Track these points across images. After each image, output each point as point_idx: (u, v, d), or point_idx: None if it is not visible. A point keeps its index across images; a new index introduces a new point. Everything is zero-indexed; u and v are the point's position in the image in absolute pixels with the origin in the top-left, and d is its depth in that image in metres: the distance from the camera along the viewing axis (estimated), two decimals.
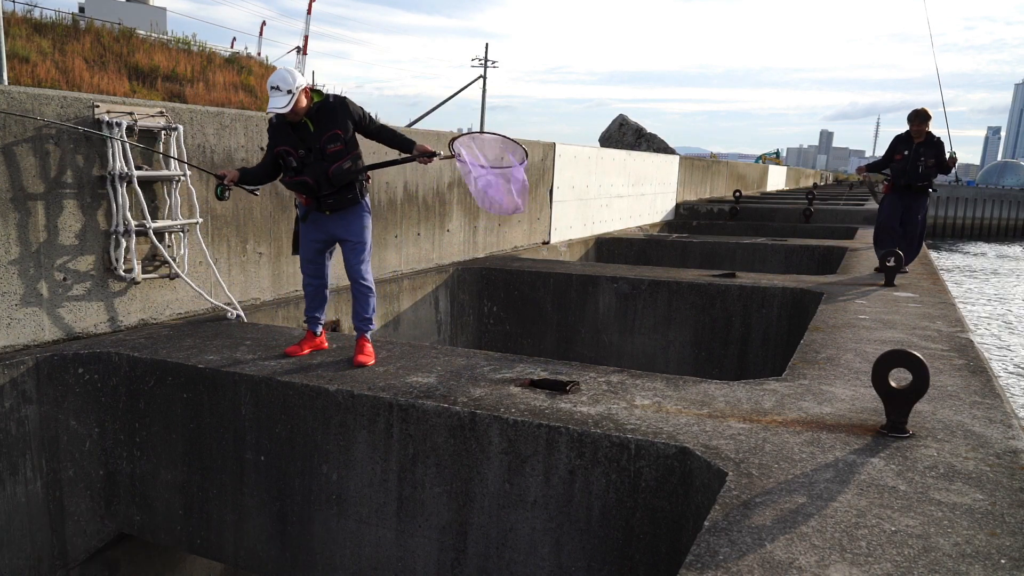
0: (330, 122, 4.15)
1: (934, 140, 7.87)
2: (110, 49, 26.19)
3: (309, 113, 4.15)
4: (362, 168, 4.33)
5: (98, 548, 4.64)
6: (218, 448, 4.31)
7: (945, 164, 7.81)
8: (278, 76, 4.02)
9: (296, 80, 4.01)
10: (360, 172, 4.31)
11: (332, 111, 4.16)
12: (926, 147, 7.83)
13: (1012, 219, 51.81)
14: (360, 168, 4.31)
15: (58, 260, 4.56)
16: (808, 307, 6.72)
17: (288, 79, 3.99)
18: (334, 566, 4.13)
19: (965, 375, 4.27)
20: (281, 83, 3.99)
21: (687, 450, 3.19)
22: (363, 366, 4.33)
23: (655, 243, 12.18)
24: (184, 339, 4.81)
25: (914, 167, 7.86)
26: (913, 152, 7.86)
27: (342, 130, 4.16)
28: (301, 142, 4.19)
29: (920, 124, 7.81)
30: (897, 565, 2.27)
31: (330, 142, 4.15)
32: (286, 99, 3.99)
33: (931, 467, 3.00)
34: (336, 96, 4.24)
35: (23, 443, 4.20)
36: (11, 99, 4.23)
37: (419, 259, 8.08)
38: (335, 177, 4.19)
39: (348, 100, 4.24)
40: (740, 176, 26.99)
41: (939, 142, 7.85)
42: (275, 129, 4.28)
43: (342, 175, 4.21)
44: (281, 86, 3.98)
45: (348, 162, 4.21)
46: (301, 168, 4.21)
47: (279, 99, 3.99)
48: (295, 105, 4.03)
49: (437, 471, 3.77)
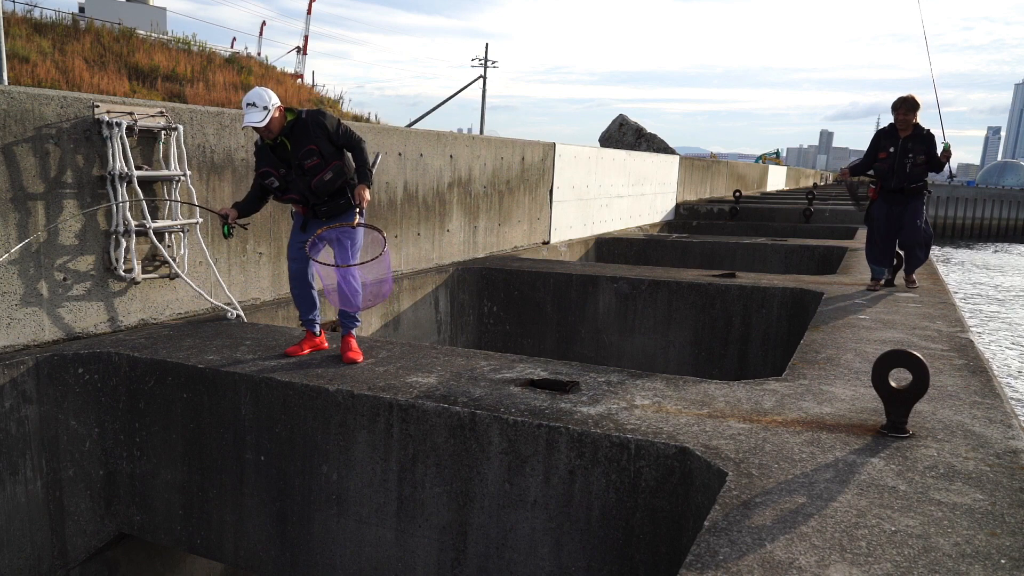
0: (304, 138, 4.22)
1: (923, 133, 6.67)
2: (110, 49, 26.18)
3: (284, 131, 4.23)
4: (347, 175, 4.36)
5: (98, 548, 4.63)
6: (218, 448, 4.31)
7: (937, 160, 6.67)
8: (254, 94, 4.11)
9: (271, 99, 4.11)
10: (344, 179, 4.35)
11: (305, 127, 4.23)
12: (915, 141, 6.64)
13: (1012, 219, 51.79)
14: (344, 175, 4.35)
15: (58, 260, 4.56)
16: (808, 307, 6.72)
17: (264, 97, 4.09)
18: (334, 566, 4.13)
19: (965, 375, 4.27)
20: (257, 100, 4.07)
21: (687, 450, 3.19)
22: (354, 363, 4.38)
23: (655, 243, 12.17)
24: (184, 339, 4.81)
25: (901, 166, 6.65)
26: (900, 148, 6.66)
27: (316, 144, 4.22)
28: (281, 161, 4.28)
29: (907, 114, 6.61)
30: (897, 565, 2.27)
31: (306, 157, 4.23)
32: (262, 114, 4.07)
33: (931, 467, 3.00)
34: (310, 112, 4.29)
35: (23, 443, 4.20)
36: (11, 99, 4.23)
37: (419, 259, 8.08)
38: (318, 189, 4.28)
39: (322, 113, 4.29)
40: (740, 176, 26.99)
41: (929, 135, 6.67)
42: (259, 152, 4.38)
43: (324, 186, 4.28)
44: (257, 103, 4.07)
45: (329, 173, 4.26)
46: (285, 187, 4.33)
47: (254, 114, 4.07)
48: (270, 123, 4.11)
49: (437, 471, 3.77)
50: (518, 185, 10.18)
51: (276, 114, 4.15)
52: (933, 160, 6.65)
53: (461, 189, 8.76)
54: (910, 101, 6.61)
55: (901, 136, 6.67)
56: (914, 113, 6.63)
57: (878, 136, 6.84)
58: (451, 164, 8.50)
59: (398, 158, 7.56)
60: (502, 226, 9.88)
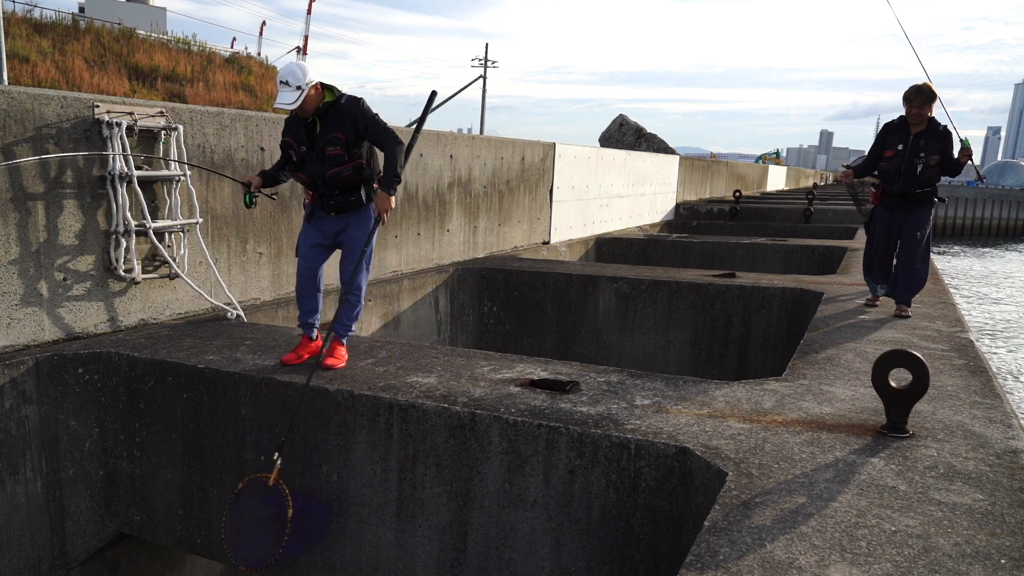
0: (335, 124, 4.00)
1: (939, 129, 5.61)
2: (110, 49, 26.19)
3: (319, 111, 4.03)
4: (367, 177, 4.14)
5: (98, 548, 4.63)
6: (218, 448, 4.31)
7: (955, 161, 5.60)
8: (287, 71, 3.88)
9: (307, 76, 3.87)
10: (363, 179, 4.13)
11: (339, 112, 4.00)
12: (928, 139, 5.58)
13: (1012, 219, 51.83)
14: (364, 177, 4.12)
15: (58, 260, 4.56)
16: (808, 307, 6.72)
17: (298, 74, 3.86)
18: (334, 566, 4.13)
19: (965, 375, 4.27)
20: (291, 78, 3.86)
21: (687, 450, 3.19)
22: (332, 368, 4.20)
23: (655, 243, 12.17)
24: (184, 339, 4.81)
25: (911, 167, 5.63)
26: (911, 146, 5.63)
27: (344, 134, 3.99)
28: (306, 137, 4.08)
29: (921, 106, 5.55)
30: (897, 565, 2.27)
31: (330, 144, 4.00)
32: (294, 95, 3.86)
33: (931, 467, 3.00)
34: (351, 97, 4.05)
35: (23, 443, 4.20)
36: (11, 99, 4.23)
37: (419, 259, 8.08)
38: (331, 181, 4.06)
39: (360, 103, 4.04)
40: (740, 176, 26.99)
41: (946, 132, 5.60)
42: (288, 119, 4.18)
43: (338, 180, 4.06)
44: (291, 81, 3.85)
45: (348, 170, 4.04)
46: (301, 164, 4.13)
47: (287, 95, 3.87)
48: (304, 102, 3.92)
49: (437, 471, 3.77)
50: (518, 185, 10.18)
51: (312, 92, 3.91)
52: (949, 162, 5.60)
53: (461, 189, 8.76)
54: (925, 91, 5.56)
55: (913, 132, 5.65)
56: (929, 105, 5.58)
57: (885, 130, 5.83)
58: (451, 164, 8.50)
59: None
60: (502, 226, 9.88)
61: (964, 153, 5.58)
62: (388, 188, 3.99)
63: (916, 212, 5.77)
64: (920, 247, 5.77)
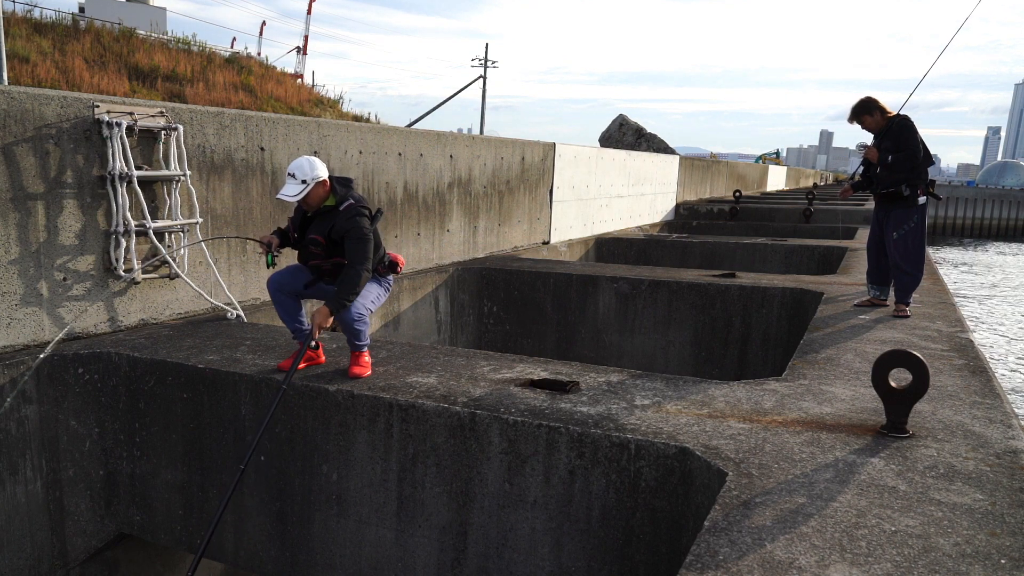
0: (321, 226, 4.01)
1: (893, 125, 5.70)
2: (110, 49, 26.17)
3: (320, 211, 4.04)
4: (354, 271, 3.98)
5: (98, 548, 4.63)
6: (218, 448, 4.31)
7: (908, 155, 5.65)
8: (297, 164, 3.90)
9: (314, 171, 3.88)
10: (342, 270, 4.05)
11: (331, 218, 4.00)
12: (885, 137, 5.74)
13: (1012, 219, 51.86)
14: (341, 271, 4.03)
15: (58, 260, 4.56)
16: (808, 307, 6.72)
17: (305, 168, 3.87)
18: (334, 566, 4.13)
19: (965, 375, 4.27)
20: (297, 171, 3.88)
21: (687, 450, 3.19)
22: (359, 377, 4.13)
23: (655, 243, 12.17)
24: (184, 339, 4.81)
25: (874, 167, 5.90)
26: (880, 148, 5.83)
27: (324, 238, 4.00)
28: (301, 226, 4.15)
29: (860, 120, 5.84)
30: (897, 565, 2.27)
31: (312, 243, 4.05)
32: (298, 188, 3.87)
33: (931, 467, 3.00)
34: (350, 207, 3.99)
35: (23, 443, 4.20)
36: (11, 99, 4.23)
37: (419, 259, 8.08)
38: (312, 268, 4.13)
39: (355, 217, 3.96)
40: (740, 176, 26.99)
41: (899, 125, 5.67)
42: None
43: (318, 270, 4.12)
44: (297, 174, 3.87)
45: (328, 264, 4.06)
46: (294, 244, 4.20)
47: (292, 187, 3.88)
48: (307, 197, 3.92)
49: (437, 471, 3.77)
50: (518, 185, 10.18)
51: (318, 189, 3.94)
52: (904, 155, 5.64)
53: (461, 189, 8.76)
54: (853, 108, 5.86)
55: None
56: (863, 117, 5.81)
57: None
58: (451, 164, 8.50)
59: (398, 158, 7.56)
60: (502, 226, 9.88)
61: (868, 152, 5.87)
62: (333, 307, 3.89)
63: (892, 212, 5.89)
64: (900, 247, 5.83)
